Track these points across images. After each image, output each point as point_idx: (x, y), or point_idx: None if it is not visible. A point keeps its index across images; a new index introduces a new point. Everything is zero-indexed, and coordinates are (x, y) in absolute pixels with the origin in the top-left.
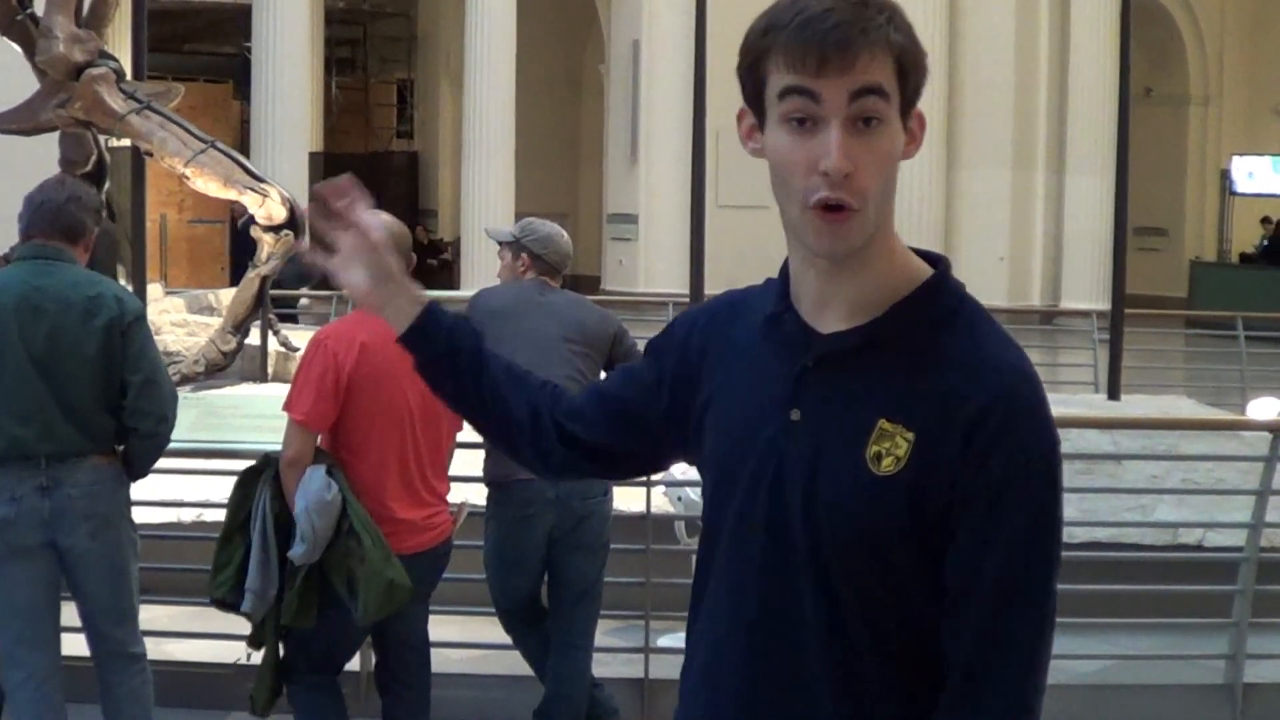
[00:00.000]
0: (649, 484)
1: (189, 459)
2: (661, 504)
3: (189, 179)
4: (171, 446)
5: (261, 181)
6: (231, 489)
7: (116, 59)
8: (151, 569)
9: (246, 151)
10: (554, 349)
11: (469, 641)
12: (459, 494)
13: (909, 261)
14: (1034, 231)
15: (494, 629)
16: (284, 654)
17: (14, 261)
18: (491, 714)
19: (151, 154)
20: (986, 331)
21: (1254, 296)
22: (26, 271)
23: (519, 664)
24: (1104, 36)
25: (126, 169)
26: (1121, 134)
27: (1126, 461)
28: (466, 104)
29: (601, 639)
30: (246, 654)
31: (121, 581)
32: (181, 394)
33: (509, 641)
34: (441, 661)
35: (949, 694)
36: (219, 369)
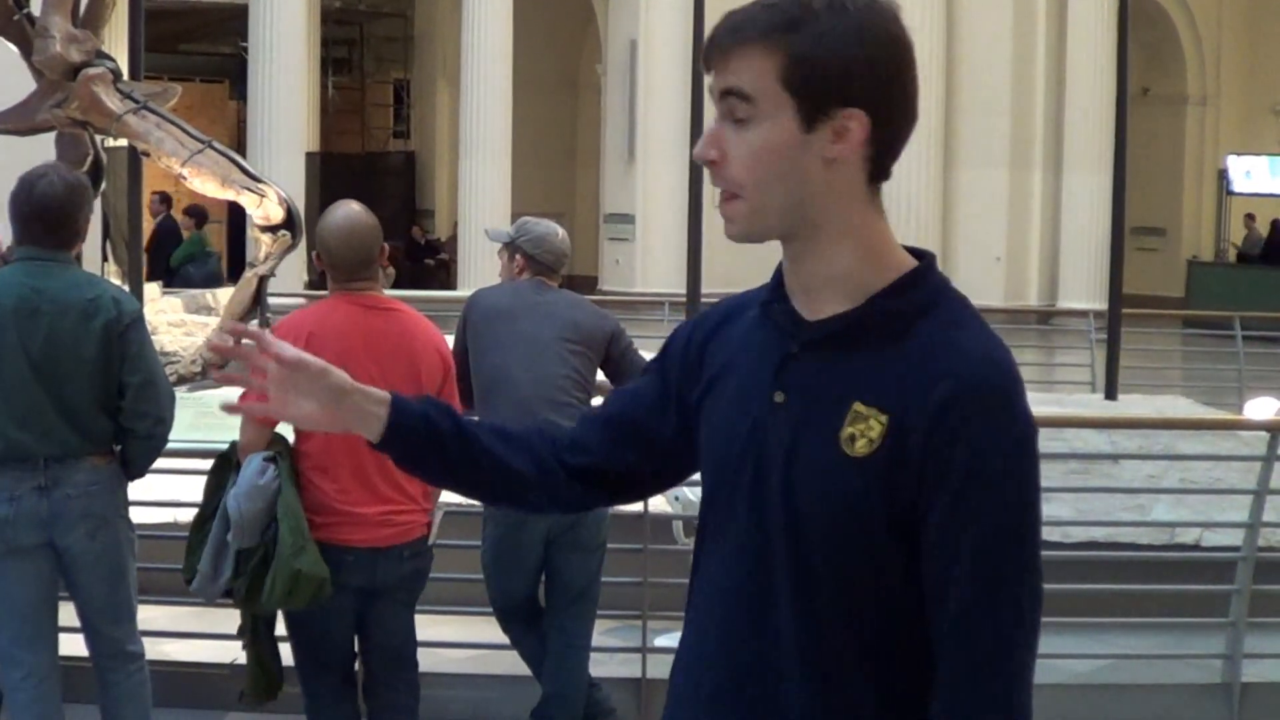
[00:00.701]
0: None
1: (186, 459)
2: (659, 504)
3: (186, 179)
4: (169, 447)
5: (259, 181)
6: (207, 476)
7: (113, 59)
8: (149, 569)
9: (243, 151)
10: (551, 348)
11: (466, 642)
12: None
13: (891, 254)
14: (1031, 231)
15: (491, 629)
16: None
17: (11, 263)
18: (489, 714)
19: (148, 154)
20: (964, 322)
21: (1251, 296)
22: (24, 273)
23: (516, 664)
24: (1101, 36)
25: (123, 169)
26: (1119, 134)
27: (1124, 461)
28: (463, 104)
29: (599, 639)
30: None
31: (119, 581)
32: (179, 394)
33: (506, 642)
34: (439, 662)
35: (936, 684)
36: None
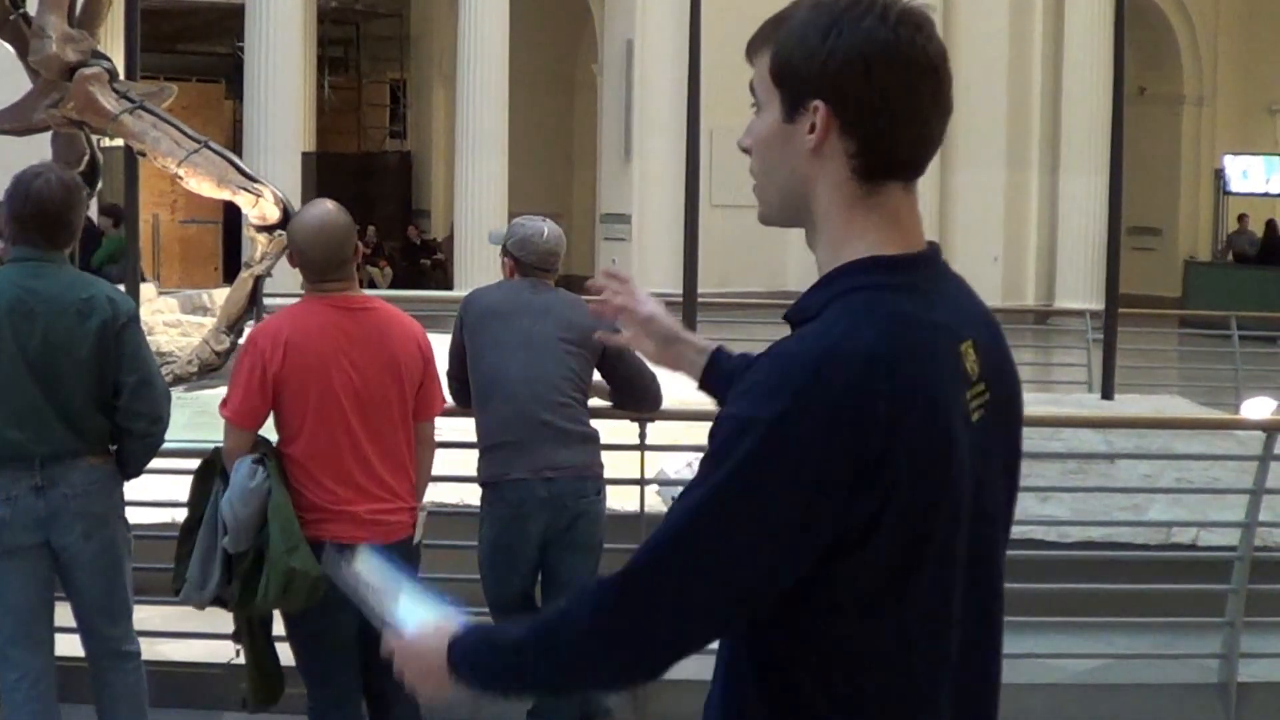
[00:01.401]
0: (643, 483)
1: (183, 459)
2: (655, 503)
3: (182, 179)
4: (165, 447)
5: (255, 181)
6: (190, 484)
7: (109, 59)
8: (145, 569)
9: (239, 151)
10: (547, 348)
11: None
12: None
13: (854, 248)
14: (1028, 231)
15: None
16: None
17: (6, 263)
18: (486, 713)
19: (144, 154)
20: (828, 321)
21: (1248, 296)
22: (19, 274)
23: None
24: (1098, 36)
25: (120, 169)
26: (1115, 134)
27: (1120, 461)
28: (459, 104)
29: None
30: (236, 651)
31: (116, 581)
32: (175, 394)
33: None
34: None
35: None
36: (212, 369)
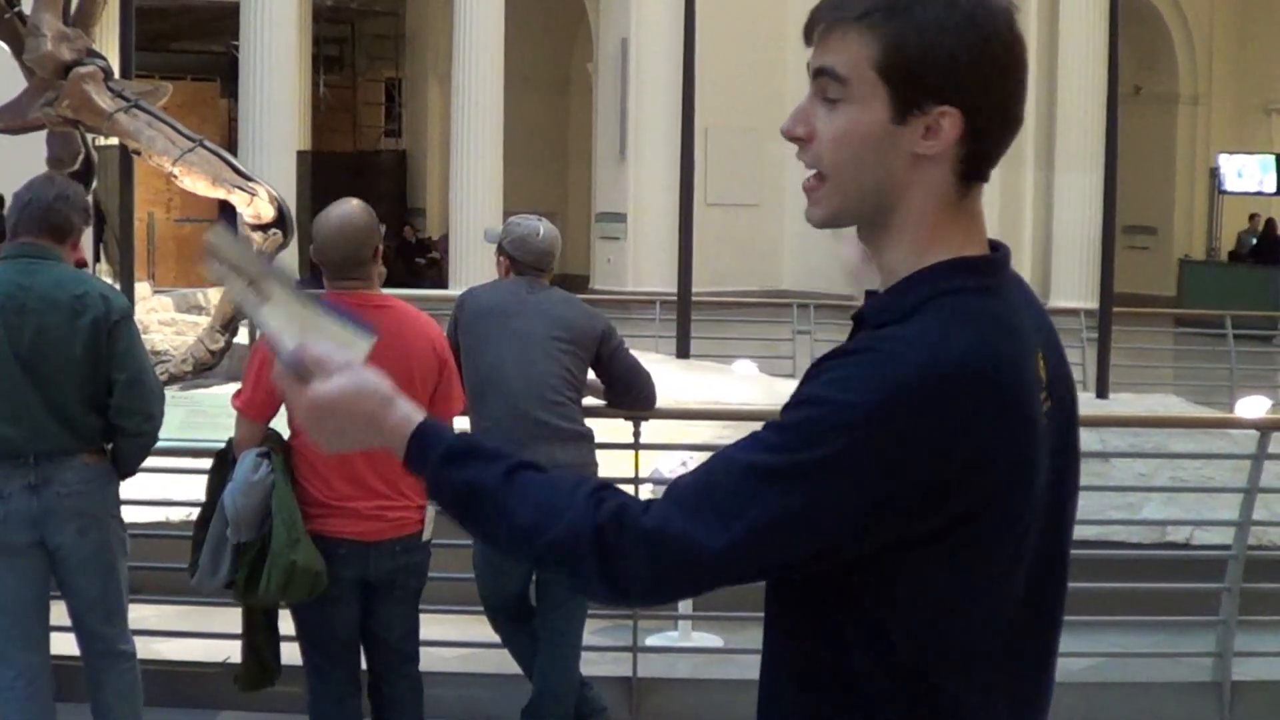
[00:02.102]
0: (637, 481)
1: (177, 458)
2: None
3: (177, 177)
4: (160, 445)
5: (250, 180)
6: (207, 475)
7: (104, 57)
8: (140, 568)
9: (234, 150)
10: (542, 347)
11: (458, 640)
12: None
13: (944, 250)
14: (1022, 230)
15: (483, 628)
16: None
17: (0, 261)
18: (480, 712)
19: (139, 152)
20: (921, 327)
21: (1242, 295)
22: (12, 271)
23: (508, 663)
24: (1093, 35)
25: (114, 168)
26: (1110, 132)
27: (1114, 460)
28: (454, 102)
29: (589, 638)
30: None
31: (110, 579)
32: (170, 393)
33: (498, 640)
34: (430, 660)
35: None
36: (207, 368)
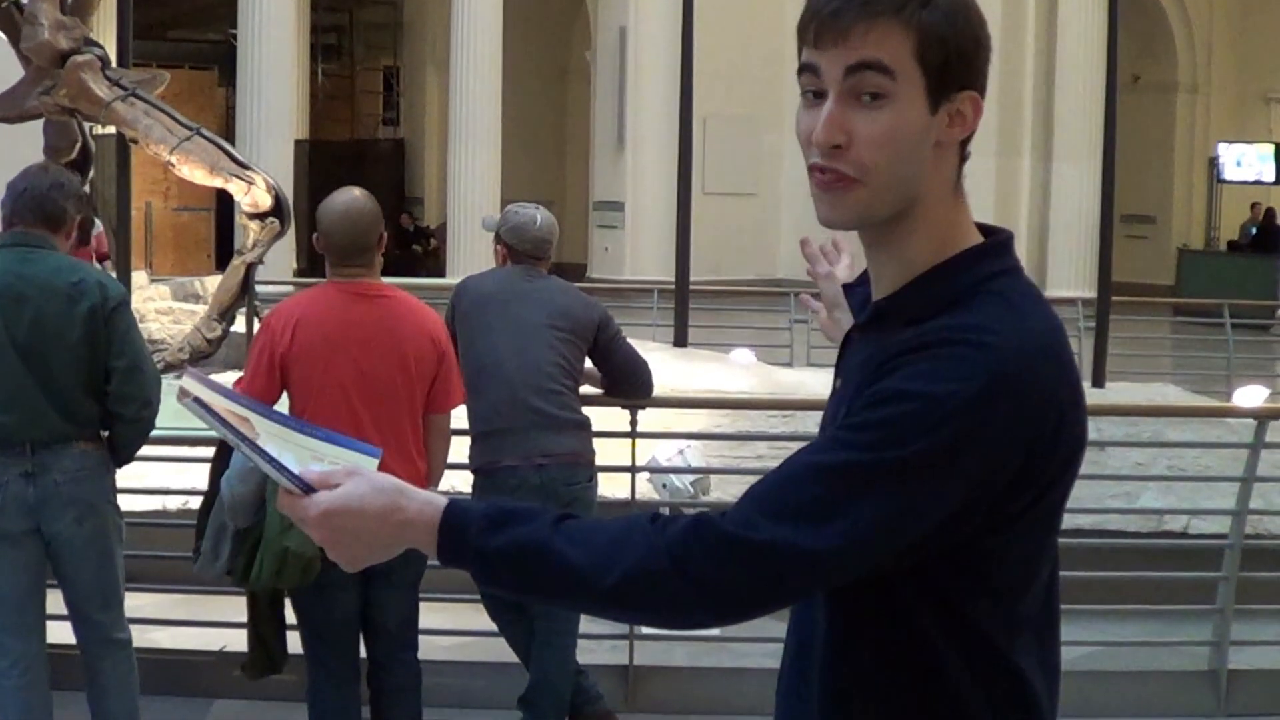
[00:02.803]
0: (634, 470)
1: (174, 446)
2: (646, 490)
3: (174, 166)
4: (156, 434)
5: (247, 169)
6: (211, 459)
7: (102, 46)
8: (136, 556)
9: (232, 139)
10: (539, 335)
11: (454, 629)
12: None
13: (961, 237)
14: (1020, 219)
15: (479, 616)
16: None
17: None
18: (476, 701)
19: (137, 141)
20: (991, 313)
21: (1241, 284)
22: (9, 259)
23: (504, 651)
24: (1091, 23)
25: (112, 156)
26: (1109, 121)
27: (1111, 448)
28: (453, 91)
29: (586, 626)
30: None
31: (107, 567)
32: (166, 381)
33: (494, 628)
34: (427, 648)
35: None
36: (204, 356)
